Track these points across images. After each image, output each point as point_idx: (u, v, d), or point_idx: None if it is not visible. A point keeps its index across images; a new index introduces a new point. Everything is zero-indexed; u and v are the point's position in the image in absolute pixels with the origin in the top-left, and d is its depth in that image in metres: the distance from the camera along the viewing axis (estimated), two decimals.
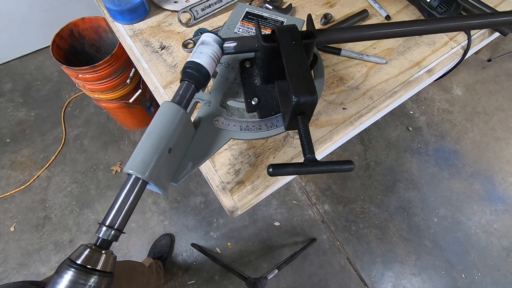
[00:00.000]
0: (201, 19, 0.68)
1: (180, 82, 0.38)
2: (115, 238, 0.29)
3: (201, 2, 0.67)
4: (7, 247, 1.36)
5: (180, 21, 0.67)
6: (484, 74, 1.93)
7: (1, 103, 1.70)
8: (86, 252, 0.27)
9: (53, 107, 1.69)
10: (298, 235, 1.43)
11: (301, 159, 0.53)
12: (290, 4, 0.69)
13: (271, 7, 0.68)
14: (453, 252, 1.43)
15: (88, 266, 0.27)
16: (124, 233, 0.30)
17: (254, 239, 1.41)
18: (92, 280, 0.26)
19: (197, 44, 0.40)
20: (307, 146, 0.34)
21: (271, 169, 0.32)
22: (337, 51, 0.63)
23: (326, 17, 0.67)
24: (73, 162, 1.55)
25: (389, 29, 0.41)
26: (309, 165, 0.33)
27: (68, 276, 0.25)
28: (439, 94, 1.85)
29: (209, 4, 0.68)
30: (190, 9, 0.66)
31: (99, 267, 0.27)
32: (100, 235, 0.29)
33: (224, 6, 0.69)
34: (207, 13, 0.68)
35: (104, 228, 0.29)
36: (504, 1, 0.73)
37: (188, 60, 0.38)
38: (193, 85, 0.37)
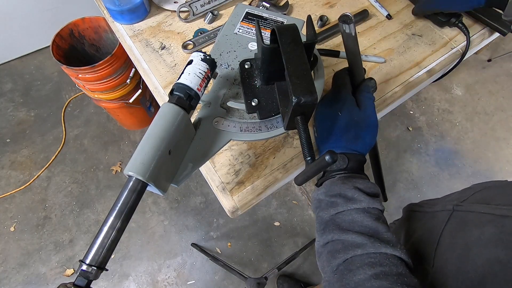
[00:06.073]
0: (200, 15, 0.68)
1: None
2: (96, 277, 0.27)
3: None
4: (7, 247, 1.36)
5: (179, 16, 0.66)
6: (484, 74, 1.93)
7: (1, 103, 1.69)
8: None
9: (53, 107, 1.69)
10: (298, 235, 1.43)
11: (301, 159, 0.53)
12: (287, 2, 0.69)
13: (268, 5, 0.67)
14: None
15: None
16: (107, 270, 0.29)
17: (254, 239, 1.41)
18: None
19: (185, 64, 0.38)
20: (307, 148, 0.34)
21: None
22: (336, 53, 0.63)
23: (322, 19, 0.68)
24: (73, 162, 1.55)
25: None
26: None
27: None
28: (439, 94, 1.85)
29: (209, 0, 0.68)
30: (189, 4, 0.66)
31: None
32: (79, 274, 0.27)
33: (223, 3, 0.69)
34: (206, 9, 0.68)
35: (84, 266, 0.27)
36: None
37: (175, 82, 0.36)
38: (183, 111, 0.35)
